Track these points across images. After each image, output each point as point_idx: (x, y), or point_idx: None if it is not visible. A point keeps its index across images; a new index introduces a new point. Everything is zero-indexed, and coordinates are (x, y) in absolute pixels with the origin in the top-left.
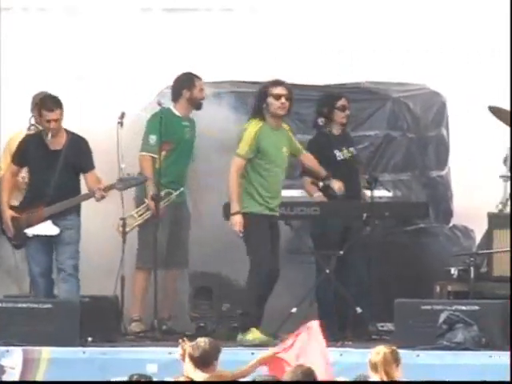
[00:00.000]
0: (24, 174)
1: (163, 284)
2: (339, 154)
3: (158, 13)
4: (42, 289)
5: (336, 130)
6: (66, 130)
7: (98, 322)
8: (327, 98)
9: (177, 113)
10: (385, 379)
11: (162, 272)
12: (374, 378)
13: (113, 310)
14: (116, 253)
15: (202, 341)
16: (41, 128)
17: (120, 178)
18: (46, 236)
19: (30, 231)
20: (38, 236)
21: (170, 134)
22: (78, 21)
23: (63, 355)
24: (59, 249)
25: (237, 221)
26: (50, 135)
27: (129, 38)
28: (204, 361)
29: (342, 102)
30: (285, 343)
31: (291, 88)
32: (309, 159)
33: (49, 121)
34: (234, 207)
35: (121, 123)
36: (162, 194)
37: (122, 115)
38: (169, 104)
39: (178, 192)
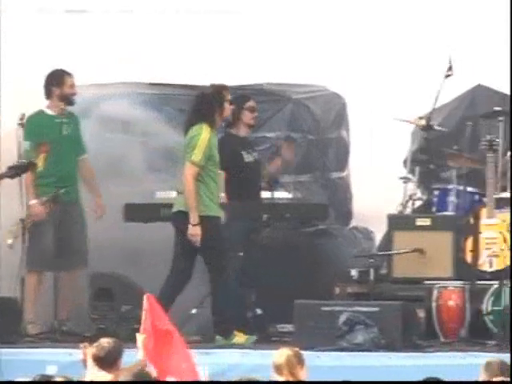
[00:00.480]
0: None
1: (60, 285)
2: (247, 156)
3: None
4: None
5: (243, 132)
6: None
7: None
8: (236, 98)
9: (49, 112)
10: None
11: (58, 273)
12: (279, 379)
13: (12, 311)
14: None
15: (106, 341)
16: None
17: (10, 166)
18: None
19: None
20: None
21: (45, 135)
22: None
23: None
24: None
25: (197, 233)
26: None
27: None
28: (109, 361)
29: (250, 103)
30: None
31: None
32: None
33: None
34: (195, 218)
35: (21, 124)
36: (48, 196)
37: (22, 117)
38: None
39: (63, 190)
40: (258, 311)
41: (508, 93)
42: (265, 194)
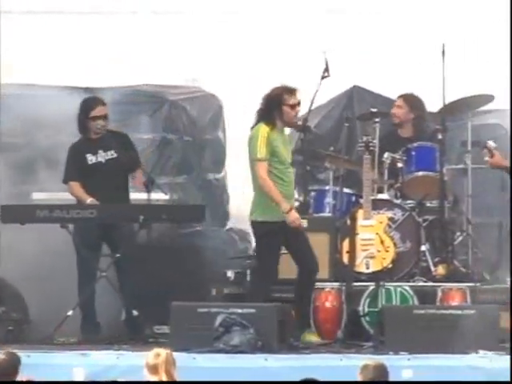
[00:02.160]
0: None
1: None
2: (91, 158)
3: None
4: None
5: (93, 134)
6: None
7: None
8: (83, 102)
9: None
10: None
11: None
12: (153, 379)
13: None
14: None
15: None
16: None
17: None
18: None
19: None
20: None
21: None
22: None
23: None
24: None
25: (295, 216)
26: None
27: None
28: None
29: (95, 112)
30: None
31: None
32: None
33: None
34: (286, 206)
35: None
36: None
37: None
38: None
39: None
40: (135, 312)
41: (384, 94)
42: (141, 196)
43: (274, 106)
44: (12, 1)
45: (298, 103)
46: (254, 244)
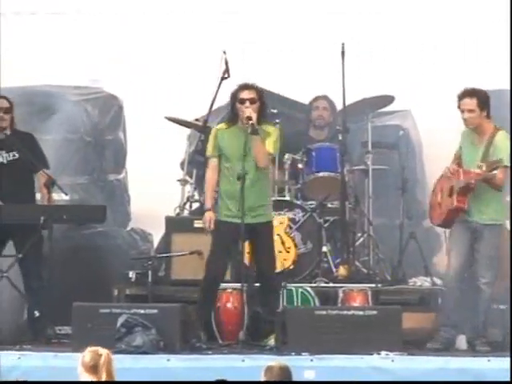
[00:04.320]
0: None
1: None
2: None
3: None
4: None
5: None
6: None
7: None
8: None
9: None
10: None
11: None
12: (90, 379)
13: None
14: None
15: None
16: None
17: None
18: None
19: None
20: None
21: None
22: None
23: None
24: None
25: (206, 218)
26: None
27: None
28: None
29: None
30: None
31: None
32: None
33: None
34: (207, 205)
35: None
36: None
37: None
38: None
39: None
40: (36, 313)
41: (282, 94)
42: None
43: (231, 103)
44: None
45: (251, 99)
46: (155, 244)
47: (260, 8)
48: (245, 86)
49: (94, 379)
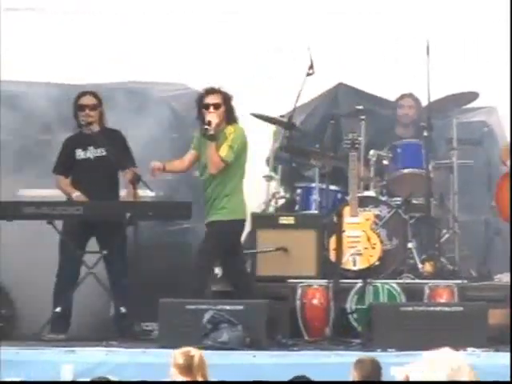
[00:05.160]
0: None
1: None
2: (80, 153)
3: None
4: None
5: (86, 129)
6: None
7: None
8: (75, 97)
9: None
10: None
11: None
12: (182, 379)
13: None
14: None
15: None
16: None
17: None
18: None
19: None
20: None
21: None
22: None
23: None
24: None
25: None
26: None
27: None
28: None
29: (80, 102)
30: None
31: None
32: None
33: None
34: None
35: None
36: None
37: None
38: None
39: None
40: (123, 309)
41: (368, 91)
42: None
43: (198, 108)
44: None
45: (215, 104)
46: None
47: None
48: (210, 91)
49: (187, 380)
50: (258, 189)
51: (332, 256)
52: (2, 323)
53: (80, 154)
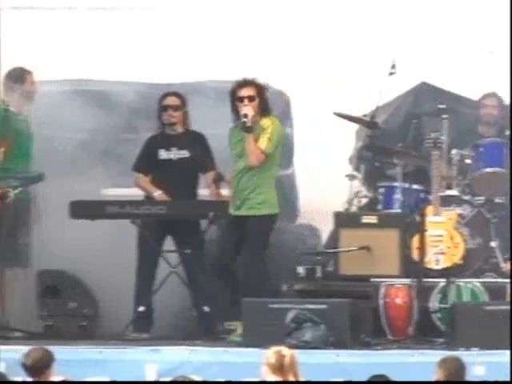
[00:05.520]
0: None
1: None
2: (163, 154)
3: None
4: None
5: (169, 130)
6: None
7: None
8: (160, 97)
9: (12, 108)
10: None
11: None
12: (273, 379)
13: None
14: None
15: (34, 350)
16: None
17: (14, 176)
18: None
19: None
20: None
21: (6, 130)
22: None
23: None
24: None
25: None
26: None
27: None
28: (35, 369)
29: (165, 102)
30: None
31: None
32: None
33: None
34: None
35: None
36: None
37: None
38: None
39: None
40: (206, 308)
41: (451, 90)
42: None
43: (231, 101)
44: None
45: (249, 97)
46: (324, 240)
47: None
48: (243, 83)
49: (279, 379)
50: (340, 188)
51: (415, 255)
52: (85, 322)
53: (163, 154)
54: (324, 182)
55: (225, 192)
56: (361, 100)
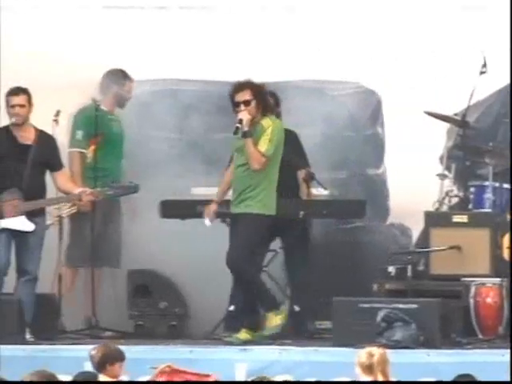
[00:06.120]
0: None
1: (96, 282)
2: None
3: (99, 10)
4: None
5: None
6: (35, 127)
7: (36, 319)
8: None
9: (103, 107)
10: (381, 379)
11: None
12: (367, 379)
13: (50, 307)
14: (52, 250)
15: (102, 345)
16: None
17: (110, 185)
18: (17, 231)
19: (3, 224)
20: (6, 230)
21: (98, 128)
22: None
23: (2, 353)
24: (26, 249)
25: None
26: (13, 120)
27: (68, 36)
28: (99, 364)
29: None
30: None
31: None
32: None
33: (13, 106)
34: None
35: (56, 121)
36: (98, 189)
37: (57, 113)
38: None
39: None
40: (296, 308)
41: None
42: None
43: (231, 104)
44: None
45: (244, 102)
46: (414, 239)
47: None
48: (238, 88)
49: (370, 379)
50: (431, 187)
51: (505, 254)
52: (175, 322)
53: None
54: (415, 181)
55: (316, 191)
56: (452, 99)
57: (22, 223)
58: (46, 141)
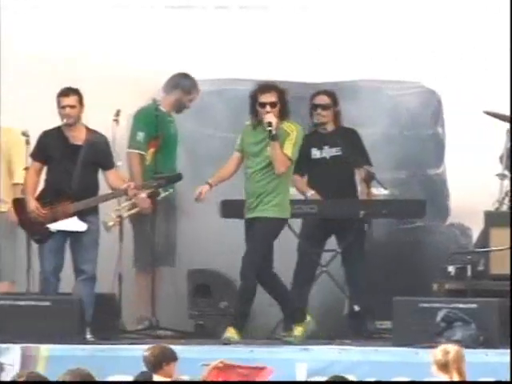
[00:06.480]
0: None
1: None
2: (316, 153)
3: (159, 10)
4: (53, 288)
5: (320, 128)
6: (86, 126)
7: (96, 319)
8: (310, 96)
9: (162, 108)
10: (456, 378)
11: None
12: (443, 378)
13: (110, 307)
14: (112, 250)
15: (155, 346)
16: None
17: (154, 177)
18: (71, 232)
19: (56, 226)
20: (61, 232)
21: (158, 129)
22: (72, 17)
23: (62, 352)
24: (81, 249)
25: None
26: (65, 121)
27: (128, 35)
28: (150, 364)
29: (315, 101)
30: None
31: (282, 90)
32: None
33: (64, 107)
34: None
35: (116, 121)
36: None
37: (118, 113)
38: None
39: (171, 189)
40: (356, 308)
41: None
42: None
43: (251, 104)
44: None
45: (271, 103)
46: (474, 239)
47: None
48: (265, 89)
49: (446, 378)
50: (491, 187)
51: None
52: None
53: (316, 153)
54: (475, 181)
55: (376, 191)
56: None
57: (75, 224)
58: (96, 140)
